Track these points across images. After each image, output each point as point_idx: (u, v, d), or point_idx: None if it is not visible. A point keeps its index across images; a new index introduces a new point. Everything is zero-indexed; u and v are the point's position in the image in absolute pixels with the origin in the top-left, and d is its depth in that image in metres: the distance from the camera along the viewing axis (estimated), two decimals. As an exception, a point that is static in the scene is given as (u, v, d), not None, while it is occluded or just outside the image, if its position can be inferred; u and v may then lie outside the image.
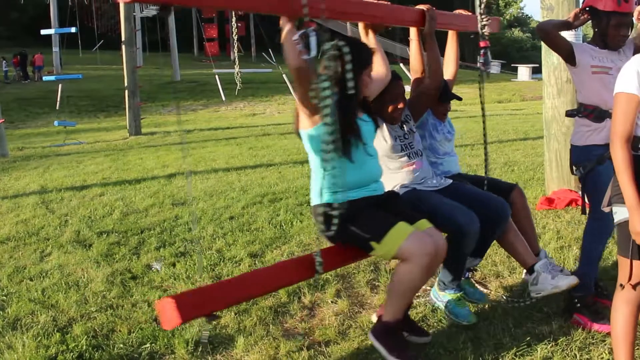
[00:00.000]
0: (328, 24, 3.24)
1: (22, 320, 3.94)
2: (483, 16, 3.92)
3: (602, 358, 3.15)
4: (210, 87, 26.97)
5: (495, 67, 47.79)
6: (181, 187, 8.05)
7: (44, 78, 18.75)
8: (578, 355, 3.18)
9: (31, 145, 14.46)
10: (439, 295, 3.68)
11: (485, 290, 4.09)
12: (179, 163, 10.32)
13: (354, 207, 3.06)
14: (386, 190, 3.39)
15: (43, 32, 17.04)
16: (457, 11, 4.10)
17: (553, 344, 3.30)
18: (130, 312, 4.00)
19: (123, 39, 15.26)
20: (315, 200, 3.20)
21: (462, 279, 3.80)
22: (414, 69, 3.84)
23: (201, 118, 21.40)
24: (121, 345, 3.53)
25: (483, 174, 3.94)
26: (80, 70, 23.07)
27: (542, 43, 6.21)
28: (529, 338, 3.35)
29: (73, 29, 16.28)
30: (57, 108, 16.95)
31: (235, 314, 3.87)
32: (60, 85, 16.06)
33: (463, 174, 4.02)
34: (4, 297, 4.37)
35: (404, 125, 3.65)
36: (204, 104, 25.03)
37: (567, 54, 3.71)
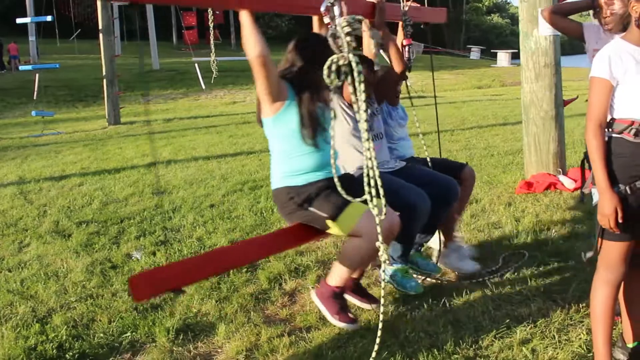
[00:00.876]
0: None
1: (0, 311, 3.90)
2: (406, 17, 4.14)
3: (580, 339, 3.18)
4: (190, 76, 26.74)
5: (475, 53, 48.00)
6: (161, 176, 8.01)
7: (21, 68, 18.46)
8: (557, 337, 3.21)
9: (8, 135, 14.29)
10: (387, 269, 3.78)
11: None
12: (159, 152, 10.25)
13: (314, 189, 3.28)
14: (347, 170, 3.68)
15: (19, 20, 16.80)
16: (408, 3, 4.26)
17: (532, 325, 3.33)
18: (111, 302, 3.98)
19: (100, 27, 15.08)
20: (277, 184, 3.39)
21: (414, 251, 4.01)
22: None
23: (181, 107, 21.26)
24: (101, 335, 3.52)
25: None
26: (58, 60, 22.67)
27: (520, 27, 6.26)
28: (508, 320, 3.39)
29: (49, 18, 16.01)
30: (35, 98, 16.77)
31: (217, 301, 3.87)
32: (37, 75, 15.86)
33: (416, 157, 4.30)
34: (-18, 289, 4.33)
35: (368, 108, 3.65)
36: (184, 92, 24.84)
37: (579, 36, 3.71)
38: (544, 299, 3.65)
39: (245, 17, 2.99)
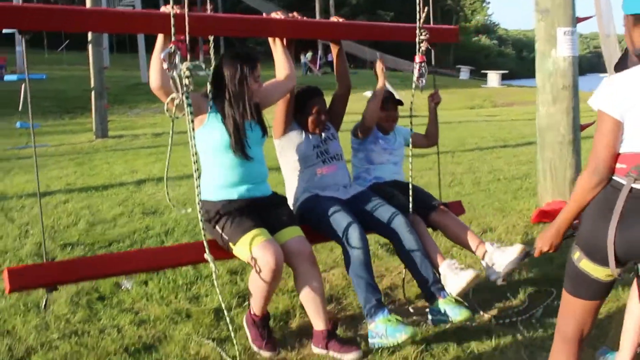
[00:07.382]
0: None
1: (-28, 350, 3.48)
2: (422, 30, 4.17)
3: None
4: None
5: (464, 73, 47.99)
6: (151, 195, 7.60)
7: (6, 77, 17.98)
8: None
9: (-9, 147, 13.81)
10: (372, 331, 3.32)
11: (486, 316, 3.76)
12: (149, 168, 9.83)
13: (225, 208, 3.31)
14: (294, 191, 3.92)
15: (5, 30, 16.39)
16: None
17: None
18: (98, 340, 3.57)
19: (89, 38, 14.68)
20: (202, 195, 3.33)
21: (440, 298, 3.50)
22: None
23: (169, 121, 20.81)
24: (87, 382, 3.11)
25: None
26: (46, 71, 22.23)
27: (537, 47, 5.95)
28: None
29: (37, 28, 15.59)
30: (20, 109, 16.28)
31: (217, 341, 3.47)
32: (23, 86, 15.39)
33: (399, 181, 4.22)
34: (-47, 321, 3.90)
35: (322, 133, 3.96)
36: (173, 106, 24.39)
37: None
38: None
39: (158, 40, 3.16)
